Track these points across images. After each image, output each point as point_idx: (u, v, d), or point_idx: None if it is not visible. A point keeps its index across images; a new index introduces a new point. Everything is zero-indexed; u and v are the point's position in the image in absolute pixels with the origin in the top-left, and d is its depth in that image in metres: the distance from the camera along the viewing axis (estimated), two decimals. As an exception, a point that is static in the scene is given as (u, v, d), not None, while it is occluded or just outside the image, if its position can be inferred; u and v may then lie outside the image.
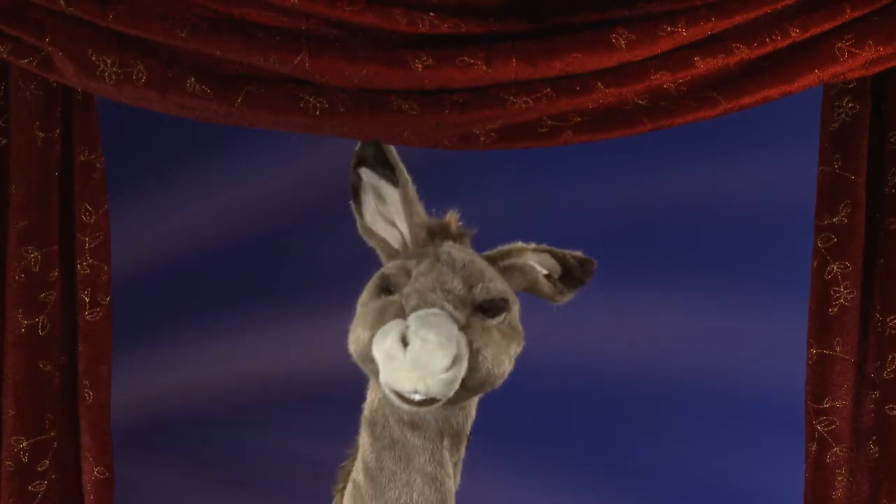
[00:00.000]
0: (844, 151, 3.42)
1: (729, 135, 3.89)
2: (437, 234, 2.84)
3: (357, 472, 2.77)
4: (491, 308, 2.70)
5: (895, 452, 3.45)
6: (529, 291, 2.89)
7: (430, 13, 3.19)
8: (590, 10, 3.24)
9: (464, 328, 2.61)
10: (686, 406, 4.12)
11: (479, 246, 2.93)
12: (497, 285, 2.73)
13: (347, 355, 2.74)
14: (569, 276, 2.87)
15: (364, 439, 2.77)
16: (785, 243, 3.96)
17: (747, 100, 3.29)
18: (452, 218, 2.89)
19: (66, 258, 3.42)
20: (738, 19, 3.25)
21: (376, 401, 2.74)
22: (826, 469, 3.44)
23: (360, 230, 2.89)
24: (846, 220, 3.42)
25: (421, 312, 2.58)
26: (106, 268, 3.43)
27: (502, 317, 2.72)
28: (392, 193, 2.86)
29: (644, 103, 3.28)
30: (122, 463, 3.52)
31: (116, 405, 3.49)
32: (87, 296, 3.41)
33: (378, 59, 3.18)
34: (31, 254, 3.36)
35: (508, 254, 2.88)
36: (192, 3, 3.16)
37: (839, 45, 3.28)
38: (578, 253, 2.87)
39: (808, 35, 3.27)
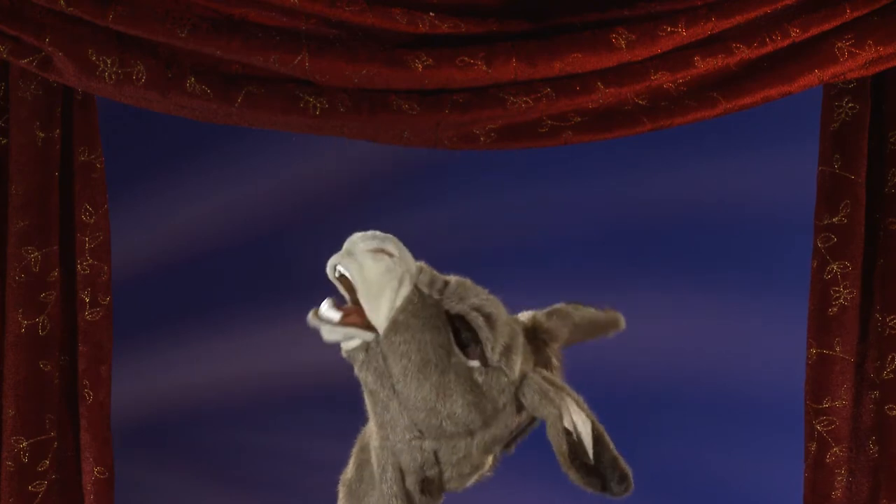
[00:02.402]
0: (844, 151, 3.42)
1: (729, 135, 3.89)
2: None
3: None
4: (471, 343, 2.23)
5: (895, 452, 3.45)
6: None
7: (430, 13, 3.20)
8: (590, 10, 3.25)
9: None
10: (686, 406, 4.12)
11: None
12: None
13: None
14: (594, 471, 2.32)
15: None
16: (785, 243, 3.96)
17: (747, 100, 3.30)
18: None
19: (66, 258, 3.42)
20: (738, 19, 3.25)
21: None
22: (826, 469, 3.44)
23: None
24: (846, 220, 3.42)
25: None
26: (106, 268, 3.43)
27: (480, 366, 2.25)
28: None
29: (644, 103, 3.28)
30: (122, 463, 3.52)
31: (116, 405, 3.49)
32: (87, 296, 3.41)
33: (378, 59, 3.17)
34: (31, 254, 3.36)
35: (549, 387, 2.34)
36: (192, 3, 3.16)
37: (839, 45, 3.28)
38: (626, 468, 2.31)
39: (808, 35, 3.27)
